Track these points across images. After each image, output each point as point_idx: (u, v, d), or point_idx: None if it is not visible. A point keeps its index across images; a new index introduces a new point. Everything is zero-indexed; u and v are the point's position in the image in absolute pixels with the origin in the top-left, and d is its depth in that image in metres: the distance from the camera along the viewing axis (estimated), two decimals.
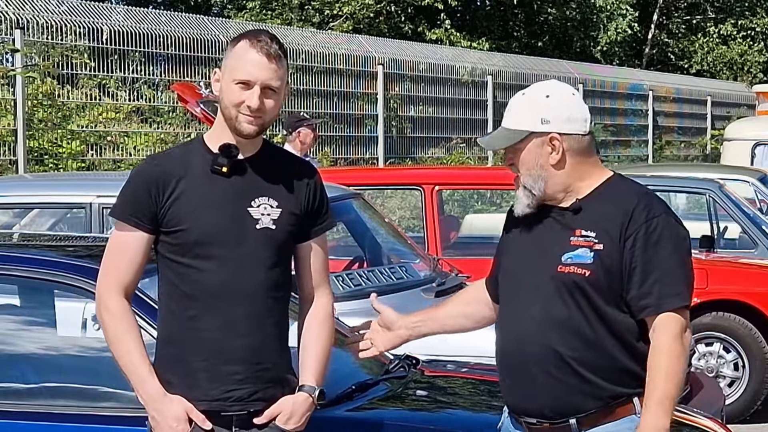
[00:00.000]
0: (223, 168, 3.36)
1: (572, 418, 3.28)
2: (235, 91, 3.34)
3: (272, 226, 3.38)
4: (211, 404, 3.34)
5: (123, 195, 3.41)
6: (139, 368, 3.33)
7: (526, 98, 3.37)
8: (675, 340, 3.19)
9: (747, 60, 31.29)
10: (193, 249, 3.33)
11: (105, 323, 3.38)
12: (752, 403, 8.36)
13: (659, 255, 3.21)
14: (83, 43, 12.14)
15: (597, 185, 3.34)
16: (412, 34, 23.23)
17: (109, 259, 3.42)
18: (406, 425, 4.23)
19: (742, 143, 14.29)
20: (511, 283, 3.39)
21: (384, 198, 11.83)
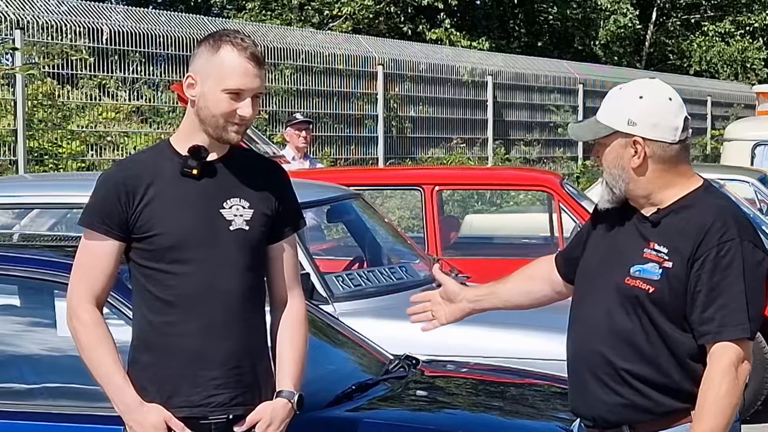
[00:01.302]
0: (193, 170, 3.30)
1: (625, 426, 3.24)
2: (223, 100, 3.27)
3: (246, 227, 3.33)
4: (192, 410, 3.30)
5: (91, 202, 3.34)
6: (115, 378, 3.28)
7: (621, 94, 3.29)
8: (728, 372, 3.11)
9: (747, 57, 31.25)
10: (167, 254, 3.28)
11: (77, 333, 3.32)
12: (752, 403, 8.35)
13: (726, 281, 3.11)
14: (83, 43, 12.13)
15: (681, 196, 3.25)
16: (411, 34, 23.23)
17: (79, 268, 3.36)
18: (406, 425, 4.24)
19: (742, 143, 14.28)
20: (585, 284, 3.35)
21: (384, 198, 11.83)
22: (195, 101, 3.31)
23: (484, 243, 10.04)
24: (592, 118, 3.31)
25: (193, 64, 3.33)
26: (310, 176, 8.78)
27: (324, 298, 6.03)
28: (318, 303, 5.73)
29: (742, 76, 30.66)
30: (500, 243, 10.26)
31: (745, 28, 31.73)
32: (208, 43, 3.31)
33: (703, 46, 31.42)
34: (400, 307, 6.20)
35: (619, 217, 3.31)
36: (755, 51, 31.34)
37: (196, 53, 3.35)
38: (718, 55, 31.24)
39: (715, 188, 3.35)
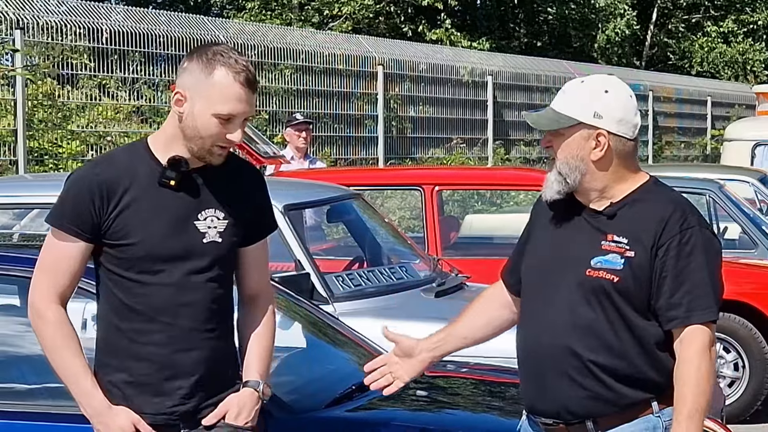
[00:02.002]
0: (171, 182, 3.24)
1: (589, 421, 3.25)
2: (213, 125, 3.20)
3: (219, 239, 3.30)
4: (155, 418, 3.28)
5: (63, 202, 3.28)
6: (82, 380, 3.25)
7: (584, 87, 3.32)
8: (703, 354, 3.16)
9: (749, 59, 31.25)
10: (140, 264, 3.23)
11: (41, 332, 3.26)
12: (752, 403, 8.35)
13: (691, 266, 3.17)
14: (83, 44, 12.14)
15: (632, 189, 3.30)
16: (412, 34, 23.23)
17: (44, 266, 3.29)
18: (406, 425, 4.23)
19: (742, 143, 14.28)
20: (537, 281, 3.34)
21: (384, 198, 11.83)
22: (181, 117, 3.24)
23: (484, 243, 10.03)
24: (548, 108, 3.32)
25: (182, 79, 3.24)
26: (310, 176, 8.78)
27: (324, 298, 6.03)
28: (318, 303, 5.73)
29: (743, 77, 30.65)
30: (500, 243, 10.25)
31: (748, 26, 31.71)
32: (201, 60, 3.22)
33: (705, 47, 31.42)
34: (400, 307, 6.23)
35: (566, 217, 3.33)
36: (756, 53, 31.33)
37: (186, 67, 3.25)
38: (720, 56, 31.24)
39: (663, 183, 3.42)
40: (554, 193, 3.28)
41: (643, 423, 3.25)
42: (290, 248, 6.22)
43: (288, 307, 5.30)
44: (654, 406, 3.24)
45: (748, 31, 31.77)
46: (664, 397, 3.24)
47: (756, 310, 8.37)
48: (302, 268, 6.13)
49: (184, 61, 3.29)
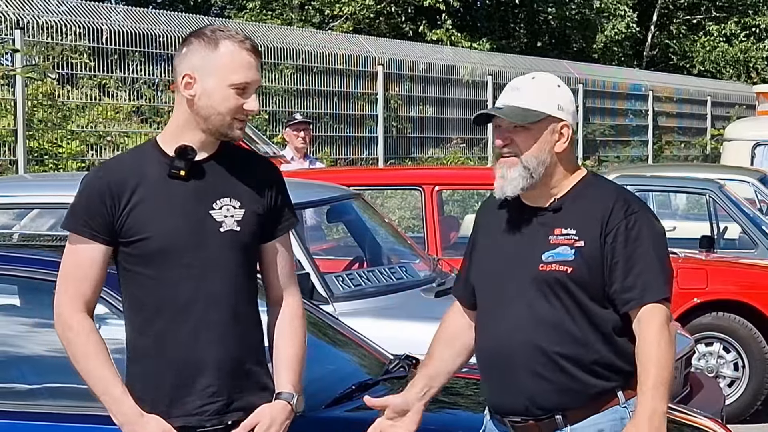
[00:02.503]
0: (180, 171, 3.21)
1: (558, 414, 3.30)
2: (231, 96, 3.20)
3: (237, 228, 3.25)
4: (187, 419, 3.22)
5: (75, 206, 3.25)
6: (112, 388, 3.19)
7: (539, 83, 3.38)
8: (662, 329, 3.24)
9: (751, 58, 31.23)
10: (155, 258, 3.19)
11: (70, 343, 3.22)
12: (752, 403, 8.36)
13: (640, 249, 3.26)
14: (83, 43, 12.14)
15: (574, 184, 3.38)
16: (412, 34, 23.24)
17: (66, 274, 3.27)
18: None
19: (742, 143, 14.29)
20: (491, 286, 3.39)
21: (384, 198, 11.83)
22: (193, 100, 3.23)
23: None
24: (511, 104, 3.34)
25: (186, 62, 3.23)
26: (310, 176, 8.78)
27: (324, 298, 6.03)
28: (318, 303, 5.73)
29: (745, 77, 30.64)
30: None
31: (750, 29, 31.69)
32: (202, 39, 3.22)
33: (707, 47, 31.40)
34: (400, 307, 6.23)
35: (507, 219, 3.40)
36: (759, 51, 31.31)
37: (186, 51, 3.24)
38: (722, 55, 31.22)
39: (601, 176, 3.52)
40: (517, 188, 3.32)
41: (610, 414, 3.30)
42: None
43: None
44: (620, 396, 3.31)
45: (749, 33, 31.74)
46: (628, 387, 3.31)
47: (756, 310, 8.38)
48: (302, 268, 6.13)
49: (181, 47, 3.28)
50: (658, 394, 3.19)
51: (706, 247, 9.28)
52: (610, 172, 10.84)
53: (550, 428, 3.31)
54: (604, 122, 21.80)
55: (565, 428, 3.31)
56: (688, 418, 4.83)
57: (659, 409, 3.18)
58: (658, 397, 3.19)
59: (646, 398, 3.19)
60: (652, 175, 11.13)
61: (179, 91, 3.26)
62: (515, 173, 3.32)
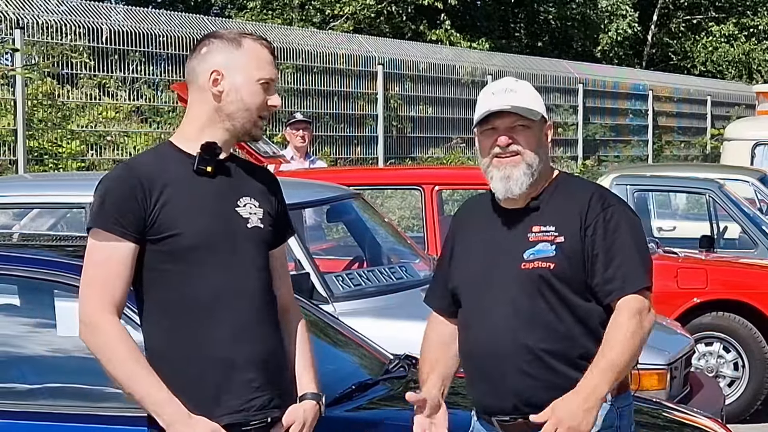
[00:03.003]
0: (208, 167, 3.23)
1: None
2: (259, 92, 3.26)
3: (261, 225, 3.28)
4: (234, 416, 3.19)
5: (104, 203, 3.17)
6: (157, 391, 3.11)
7: (526, 85, 3.45)
8: (632, 317, 3.25)
9: (753, 59, 31.22)
10: (188, 255, 3.17)
11: (104, 347, 3.12)
12: (752, 403, 8.36)
13: (619, 241, 3.30)
14: (83, 43, 12.14)
15: (548, 182, 3.43)
16: (412, 34, 23.23)
17: (93, 276, 3.17)
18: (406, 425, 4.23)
19: (742, 143, 14.29)
20: (475, 288, 3.40)
21: (384, 198, 11.83)
22: (221, 96, 3.25)
23: None
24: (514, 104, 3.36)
25: (210, 60, 3.25)
26: (310, 176, 8.78)
27: (324, 298, 6.03)
28: (318, 303, 5.73)
29: (747, 77, 30.63)
30: None
31: (749, 30, 31.68)
32: (224, 40, 3.28)
33: (708, 47, 31.39)
34: (400, 307, 6.23)
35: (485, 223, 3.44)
36: (760, 53, 31.31)
37: (207, 50, 3.27)
38: (723, 56, 31.21)
39: (573, 174, 3.64)
40: (524, 187, 3.36)
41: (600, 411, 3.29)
42: (290, 248, 6.22)
43: None
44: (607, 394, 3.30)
45: (749, 34, 31.74)
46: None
47: (756, 310, 8.38)
48: (302, 268, 6.13)
49: (198, 48, 3.31)
50: (605, 378, 3.19)
51: (706, 247, 9.29)
52: (610, 172, 10.84)
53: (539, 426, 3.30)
54: (604, 122, 21.80)
55: None
56: (688, 418, 4.83)
57: (599, 391, 3.19)
58: (604, 380, 3.19)
59: (592, 377, 3.20)
60: (652, 175, 11.13)
61: (203, 89, 3.27)
62: (520, 172, 3.35)
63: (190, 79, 3.32)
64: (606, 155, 21.57)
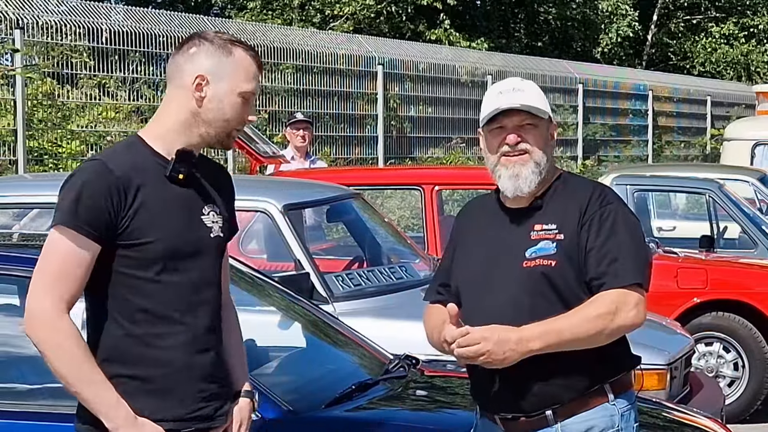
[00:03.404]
0: (180, 175, 3.17)
1: (548, 410, 3.32)
2: (239, 104, 3.20)
3: (221, 234, 3.27)
4: (178, 424, 3.18)
5: (76, 202, 3.11)
6: (107, 393, 3.10)
7: (532, 85, 3.46)
8: (608, 304, 3.25)
9: (752, 60, 31.22)
10: (159, 262, 3.12)
11: (59, 345, 3.07)
12: (752, 403, 8.36)
13: (614, 239, 3.31)
14: (83, 43, 12.14)
15: (551, 182, 3.44)
16: (411, 34, 23.23)
17: (52, 273, 3.09)
18: (406, 425, 4.24)
19: (742, 143, 14.29)
20: (477, 286, 3.41)
21: (384, 198, 11.83)
22: (202, 102, 3.20)
23: None
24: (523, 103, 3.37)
25: (197, 63, 3.20)
26: (310, 176, 8.78)
27: (324, 298, 6.03)
28: (318, 303, 5.73)
29: (746, 78, 30.63)
30: None
31: (749, 30, 31.68)
32: (213, 43, 3.21)
33: (708, 48, 31.39)
34: (400, 307, 6.23)
35: (483, 219, 3.46)
36: (759, 54, 31.30)
37: (196, 52, 3.21)
38: (722, 57, 31.20)
39: (575, 174, 3.65)
40: (533, 184, 3.38)
41: (601, 411, 3.33)
42: (290, 248, 6.23)
43: (288, 307, 5.30)
44: (609, 394, 3.34)
45: (748, 34, 31.73)
46: (617, 384, 3.36)
47: (756, 310, 8.38)
48: (302, 268, 6.13)
49: (187, 46, 3.25)
50: (544, 338, 3.20)
51: (706, 247, 9.29)
52: (610, 172, 10.84)
53: (541, 425, 3.34)
54: (604, 122, 21.80)
55: (555, 425, 3.33)
56: (688, 418, 4.84)
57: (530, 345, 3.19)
58: (541, 339, 3.20)
59: (534, 329, 3.20)
60: (652, 175, 11.13)
61: (185, 90, 3.23)
62: (529, 170, 3.37)
63: (172, 75, 3.29)
64: (606, 155, 21.57)
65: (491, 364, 3.21)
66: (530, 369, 3.28)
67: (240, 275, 5.15)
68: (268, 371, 4.73)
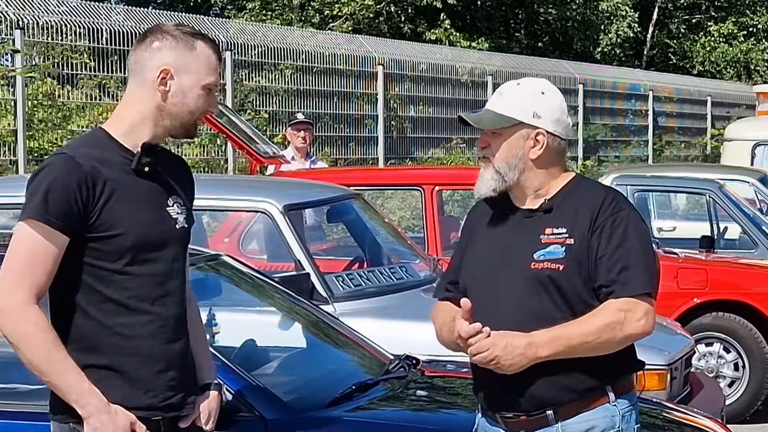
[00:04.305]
0: (146, 168, 3.24)
1: (549, 410, 3.34)
2: (202, 96, 3.27)
3: (185, 225, 3.34)
4: (147, 412, 3.24)
5: (45, 195, 3.13)
6: (79, 381, 3.15)
7: (521, 89, 3.45)
8: (617, 312, 3.26)
9: (752, 59, 31.21)
10: (127, 254, 3.19)
11: (28, 336, 3.11)
12: (752, 403, 8.36)
13: (625, 246, 3.31)
14: (83, 43, 12.14)
15: (563, 185, 3.45)
16: (411, 34, 23.23)
17: (21, 264, 3.14)
18: (406, 425, 4.24)
19: (742, 143, 14.29)
20: (484, 284, 3.42)
21: (384, 198, 11.82)
22: (167, 96, 3.25)
23: None
24: (487, 109, 3.44)
25: (160, 57, 3.26)
26: (310, 176, 8.78)
27: (324, 298, 6.03)
28: (318, 303, 5.73)
29: (746, 77, 30.62)
30: None
31: (748, 29, 31.67)
32: (176, 37, 3.27)
33: (707, 47, 31.39)
34: (400, 307, 6.23)
35: (499, 221, 3.46)
36: (759, 53, 31.29)
37: (159, 46, 3.27)
38: (722, 56, 31.20)
39: (588, 178, 3.64)
40: (489, 190, 3.41)
41: (602, 411, 3.35)
42: (290, 248, 6.22)
43: (288, 307, 5.30)
44: (610, 394, 3.35)
45: (748, 33, 31.73)
46: (618, 385, 3.38)
47: (756, 310, 8.38)
48: (302, 268, 6.13)
49: (151, 41, 3.30)
50: (552, 344, 3.23)
51: (706, 247, 9.29)
52: (610, 172, 10.84)
53: (541, 424, 3.35)
54: (604, 122, 21.79)
55: (556, 424, 3.34)
56: (688, 418, 4.84)
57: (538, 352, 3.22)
58: (550, 346, 3.23)
59: (544, 336, 3.23)
60: (652, 175, 11.14)
61: (148, 84, 3.27)
62: (488, 175, 3.42)
63: (134, 69, 3.34)
64: (606, 156, 21.57)
65: (500, 369, 3.24)
66: (532, 369, 3.29)
67: (240, 275, 5.16)
68: (268, 371, 4.74)
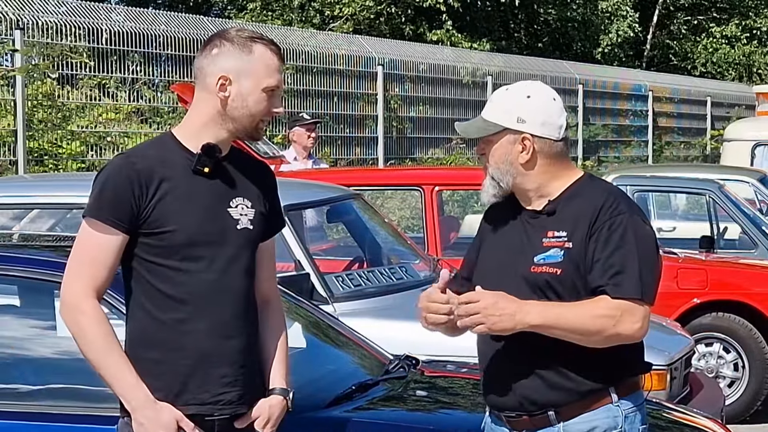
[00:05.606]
0: (205, 168, 3.31)
1: (551, 410, 3.35)
2: (263, 100, 3.33)
3: (250, 227, 3.38)
4: (200, 408, 3.30)
5: (101, 194, 3.28)
6: (127, 375, 3.24)
7: (508, 94, 3.47)
8: (613, 308, 3.24)
9: (754, 61, 31.20)
10: (181, 251, 3.27)
11: (83, 328, 3.24)
12: (752, 403, 8.36)
13: (619, 251, 3.29)
14: (83, 44, 12.14)
15: (567, 186, 3.43)
16: (412, 35, 23.23)
17: (80, 260, 3.30)
18: (406, 425, 4.24)
19: (742, 144, 14.29)
20: (490, 286, 3.40)
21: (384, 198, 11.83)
22: (227, 101, 3.31)
23: None
24: (479, 117, 3.47)
25: (219, 64, 3.31)
26: (310, 176, 8.78)
27: (324, 298, 6.03)
28: (318, 303, 5.73)
29: (747, 79, 30.62)
30: None
31: (751, 31, 31.66)
32: (234, 42, 3.32)
33: (709, 48, 31.38)
34: (400, 307, 6.23)
35: (507, 218, 3.48)
36: (761, 55, 31.29)
37: (218, 53, 3.32)
38: (724, 57, 31.19)
39: (597, 177, 3.58)
40: (490, 197, 3.45)
41: (604, 412, 3.35)
42: (290, 248, 6.22)
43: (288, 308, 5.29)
44: (613, 395, 3.35)
45: (751, 35, 31.72)
46: (621, 386, 3.37)
47: (756, 310, 8.38)
48: (302, 268, 6.13)
49: (209, 48, 3.36)
50: (542, 316, 3.23)
51: (706, 247, 9.29)
52: (610, 173, 10.84)
53: (543, 424, 3.36)
54: (604, 123, 21.79)
55: (558, 424, 3.35)
56: (688, 418, 4.83)
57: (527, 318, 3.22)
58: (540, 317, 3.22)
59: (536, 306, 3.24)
60: (652, 175, 11.14)
61: (209, 90, 3.33)
62: (487, 182, 3.45)
63: (198, 75, 3.40)
64: (606, 156, 21.57)
65: (484, 325, 3.22)
66: (533, 370, 3.32)
67: None
68: None
